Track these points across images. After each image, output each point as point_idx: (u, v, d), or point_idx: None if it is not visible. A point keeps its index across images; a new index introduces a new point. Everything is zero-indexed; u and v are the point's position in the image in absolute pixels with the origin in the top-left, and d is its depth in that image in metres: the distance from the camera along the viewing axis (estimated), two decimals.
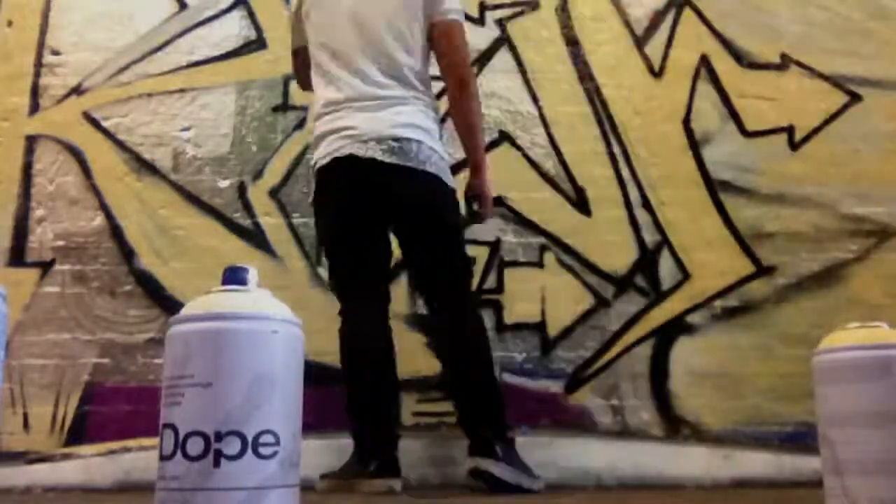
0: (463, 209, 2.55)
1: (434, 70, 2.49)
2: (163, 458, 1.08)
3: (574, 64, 3.18)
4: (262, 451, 1.06)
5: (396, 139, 2.32)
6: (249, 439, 1.06)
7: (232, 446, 1.05)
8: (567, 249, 3.02)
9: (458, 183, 2.94)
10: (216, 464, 1.04)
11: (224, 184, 3.08)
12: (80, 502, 2.42)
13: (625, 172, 3.08)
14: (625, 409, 2.88)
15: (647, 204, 3.05)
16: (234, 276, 1.17)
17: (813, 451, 1.63)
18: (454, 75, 2.43)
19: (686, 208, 3.05)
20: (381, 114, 2.34)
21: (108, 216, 3.05)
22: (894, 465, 1.40)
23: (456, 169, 3.09)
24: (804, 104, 3.12)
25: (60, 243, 3.03)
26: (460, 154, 3.09)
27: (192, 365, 1.08)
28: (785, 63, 3.16)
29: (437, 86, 2.57)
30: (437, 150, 2.40)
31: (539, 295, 2.98)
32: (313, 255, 3.01)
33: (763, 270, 2.99)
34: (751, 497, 2.38)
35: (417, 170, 2.33)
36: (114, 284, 2.99)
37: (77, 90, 3.16)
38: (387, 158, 2.30)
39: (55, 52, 3.20)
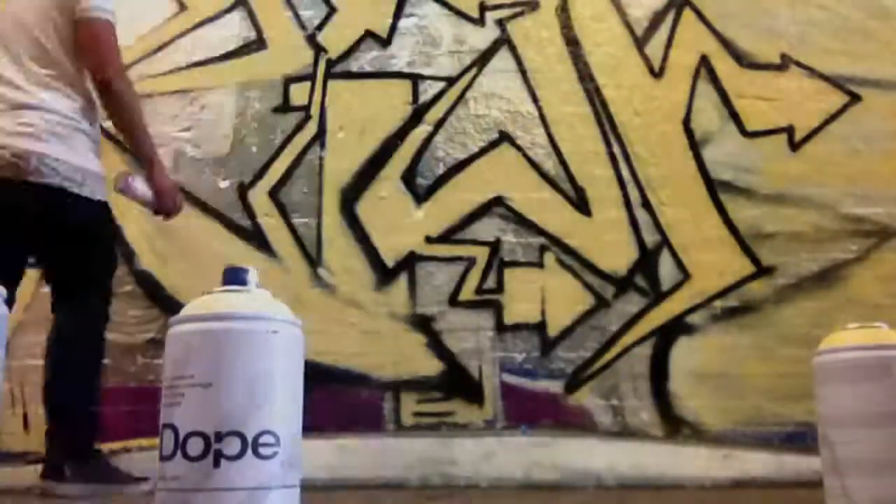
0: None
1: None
2: (163, 458, 1.08)
3: (574, 64, 3.18)
4: (263, 451, 1.06)
5: (14, 151, 2.20)
6: (249, 439, 1.06)
7: (232, 446, 1.05)
8: (567, 249, 3.02)
9: (459, 185, 2.96)
10: (216, 464, 1.04)
11: (224, 184, 3.08)
12: (80, 502, 2.42)
13: (625, 172, 3.08)
14: (625, 409, 2.88)
15: (647, 204, 3.05)
16: (234, 277, 1.17)
17: (813, 451, 1.63)
18: (96, 78, 2.33)
19: (686, 208, 3.04)
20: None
21: None
22: (894, 465, 1.40)
23: (457, 169, 3.10)
24: (804, 104, 3.12)
25: None
26: (459, 154, 3.10)
27: (193, 365, 1.08)
28: (785, 63, 3.16)
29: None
30: (68, 159, 2.28)
31: (539, 295, 2.98)
32: (313, 255, 3.02)
33: (763, 270, 2.99)
34: (751, 497, 2.38)
35: (38, 184, 2.21)
36: (114, 285, 2.98)
37: None
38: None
39: None
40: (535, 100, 3.15)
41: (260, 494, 1.06)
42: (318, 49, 3.20)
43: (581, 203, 3.06)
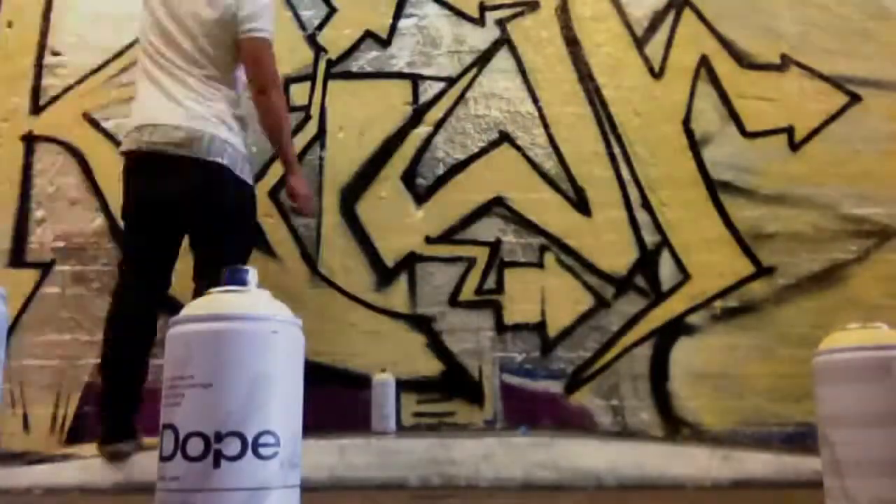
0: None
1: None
2: (163, 458, 1.08)
3: (574, 64, 3.18)
4: (262, 451, 1.06)
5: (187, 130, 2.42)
6: (249, 440, 1.06)
7: (232, 447, 1.05)
8: (567, 250, 3.02)
9: (459, 185, 2.96)
10: (216, 464, 1.04)
11: None
12: (79, 503, 2.42)
13: (625, 173, 3.08)
14: (625, 409, 2.88)
15: (647, 204, 3.05)
16: (234, 277, 1.17)
17: (813, 451, 1.63)
18: (257, 84, 2.56)
19: (686, 209, 3.04)
20: (177, 106, 2.45)
21: (108, 217, 3.05)
22: (894, 465, 1.40)
23: (457, 169, 3.10)
24: (804, 105, 3.12)
25: (60, 244, 3.03)
26: (459, 154, 3.10)
27: (193, 365, 1.08)
28: (785, 64, 3.16)
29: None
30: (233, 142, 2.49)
31: (539, 295, 2.98)
32: (313, 255, 3.01)
33: (763, 271, 2.99)
34: (751, 497, 2.37)
35: (202, 160, 2.42)
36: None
37: (77, 91, 3.16)
38: (175, 151, 2.40)
39: (55, 53, 3.20)
40: (535, 100, 3.15)
41: (260, 495, 1.05)
42: (318, 49, 3.20)
43: (581, 203, 3.06)
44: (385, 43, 3.21)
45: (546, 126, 3.12)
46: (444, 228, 3.03)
